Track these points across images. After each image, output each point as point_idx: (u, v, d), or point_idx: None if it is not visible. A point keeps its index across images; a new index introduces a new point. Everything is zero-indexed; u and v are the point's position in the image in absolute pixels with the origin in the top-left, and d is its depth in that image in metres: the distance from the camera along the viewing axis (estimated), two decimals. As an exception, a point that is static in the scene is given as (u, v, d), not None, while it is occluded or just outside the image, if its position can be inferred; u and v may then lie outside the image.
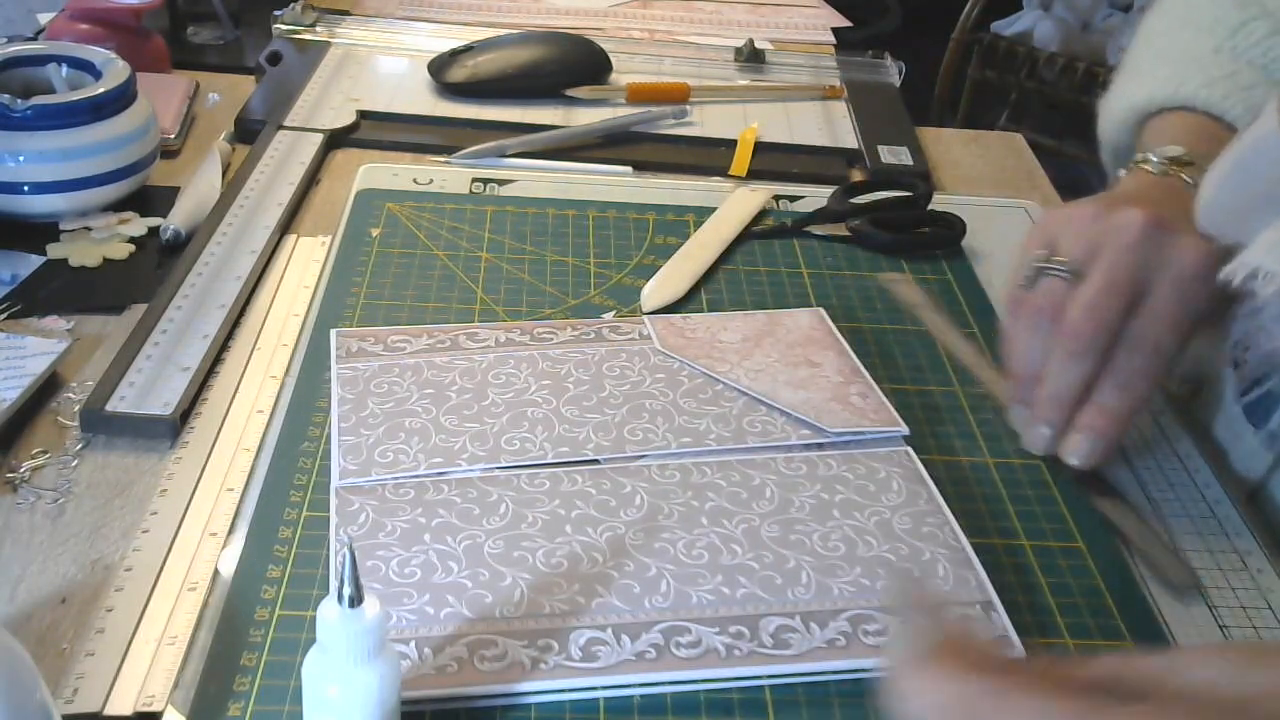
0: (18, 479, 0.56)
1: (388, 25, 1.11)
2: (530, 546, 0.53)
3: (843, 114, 1.01)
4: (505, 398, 0.62)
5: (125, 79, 0.77)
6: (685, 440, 0.60)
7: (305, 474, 0.57)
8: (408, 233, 0.77)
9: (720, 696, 0.48)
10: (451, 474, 0.57)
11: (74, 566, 0.52)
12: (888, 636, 0.49)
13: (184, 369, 0.63)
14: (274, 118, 0.90)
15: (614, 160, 0.89)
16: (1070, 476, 0.61)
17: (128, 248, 0.75)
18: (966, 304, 0.75)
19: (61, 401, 0.61)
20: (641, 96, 0.99)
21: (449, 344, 0.66)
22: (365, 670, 0.41)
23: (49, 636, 0.48)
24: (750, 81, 1.06)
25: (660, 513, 0.55)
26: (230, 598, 0.50)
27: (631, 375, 0.64)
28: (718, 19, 1.22)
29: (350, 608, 0.40)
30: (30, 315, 0.67)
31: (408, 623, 0.49)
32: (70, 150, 0.74)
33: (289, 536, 0.54)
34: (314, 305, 0.70)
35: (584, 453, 0.59)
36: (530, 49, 1.01)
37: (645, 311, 0.71)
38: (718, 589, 0.51)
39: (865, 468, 0.59)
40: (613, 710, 0.47)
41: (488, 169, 0.87)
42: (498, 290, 0.72)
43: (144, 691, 0.46)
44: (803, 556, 0.53)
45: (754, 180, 0.88)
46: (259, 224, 0.76)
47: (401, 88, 0.99)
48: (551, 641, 0.48)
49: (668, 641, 0.49)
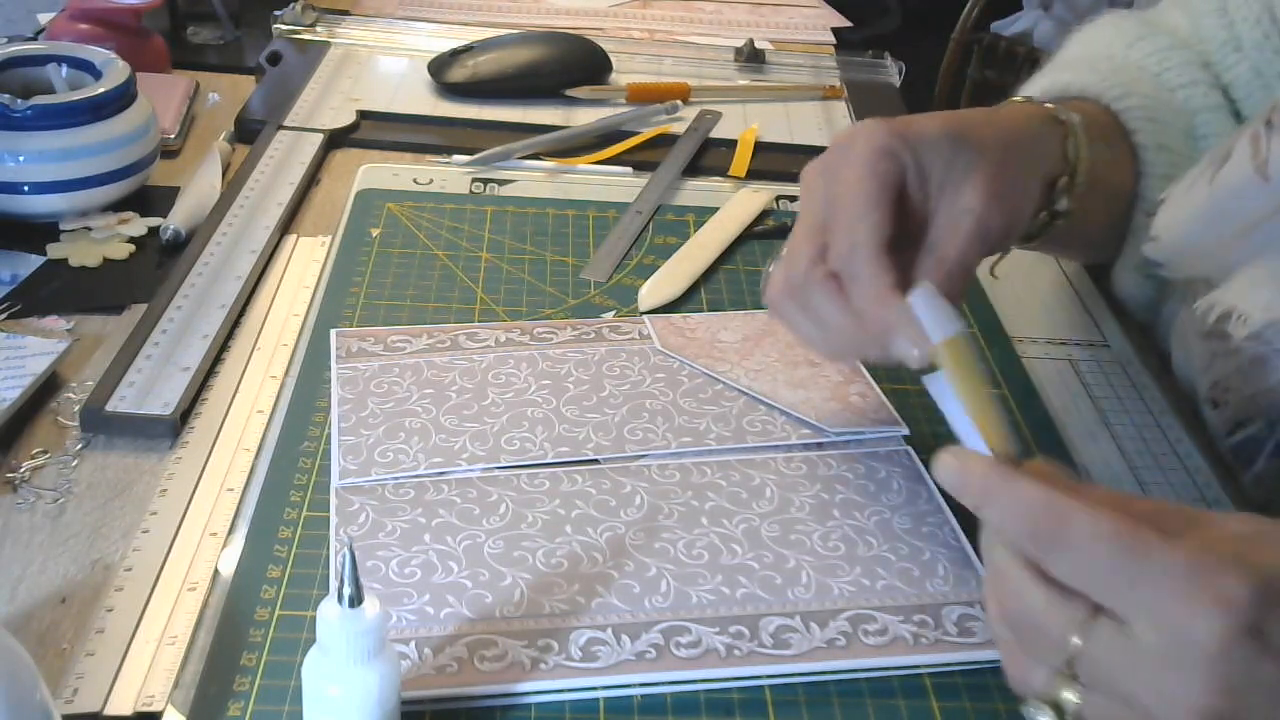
0: (18, 479, 0.56)
1: (388, 25, 1.11)
2: (530, 546, 0.53)
3: (843, 114, 1.01)
4: (505, 398, 0.62)
5: (125, 79, 0.77)
6: (685, 440, 0.60)
7: (305, 474, 0.57)
8: (408, 233, 0.77)
9: (720, 696, 0.48)
10: (451, 474, 0.57)
11: (74, 566, 0.52)
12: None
13: (184, 369, 0.63)
14: (274, 118, 0.90)
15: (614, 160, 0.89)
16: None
17: (128, 248, 0.75)
18: (967, 304, 0.75)
19: (61, 401, 0.61)
20: (641, 96, 0.99)
21: (449, 344, 0.66)
22: (365, 670, 0.41)
23: (49, 636, 0.48)
24: (750, 81, 1.06)
25: (660, 512, 0.55)
26: (230, 598, 0.50)
27: (631, 375, 0.64)
28: (718, 19, 1.22)
29: (350, 608, 0.40)
30: (30, 315, 0.67)
31: (408, 623, 0.49)
32: (70, 150, 0.74)
33: (289, 536, 0.53)
34: (314, 305, 0.70)
35: (584, 452, 0.59)
36: (530, 49, 1.01)
37: (642, 311, 0.71)
38: (718, 589, 0.51)
39: (865, 467, 0.59)
40: (613, 710, 0.47)
41: (487, 169, 0.87)
42: (498, 290, 0.72)
43: (144, 691, 0.46)
44: (803, 556, 0.53)
45: (754, 180, 0.88)
46: (259, 224, 0.76)
47: (401, 88, 0.99)
48: (551, 641, 0.48)
49: (668, 641, 0.49)
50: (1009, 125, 0.60)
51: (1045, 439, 0.63)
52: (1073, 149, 0.63)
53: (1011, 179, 0.57)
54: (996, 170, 0.56)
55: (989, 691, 0.49)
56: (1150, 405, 0.67)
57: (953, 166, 0.56)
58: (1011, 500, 0.42)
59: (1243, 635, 0.36)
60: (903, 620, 0.50)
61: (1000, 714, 0.48)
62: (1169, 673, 0.37)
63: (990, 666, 0.49)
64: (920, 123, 0.57)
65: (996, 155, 0.57)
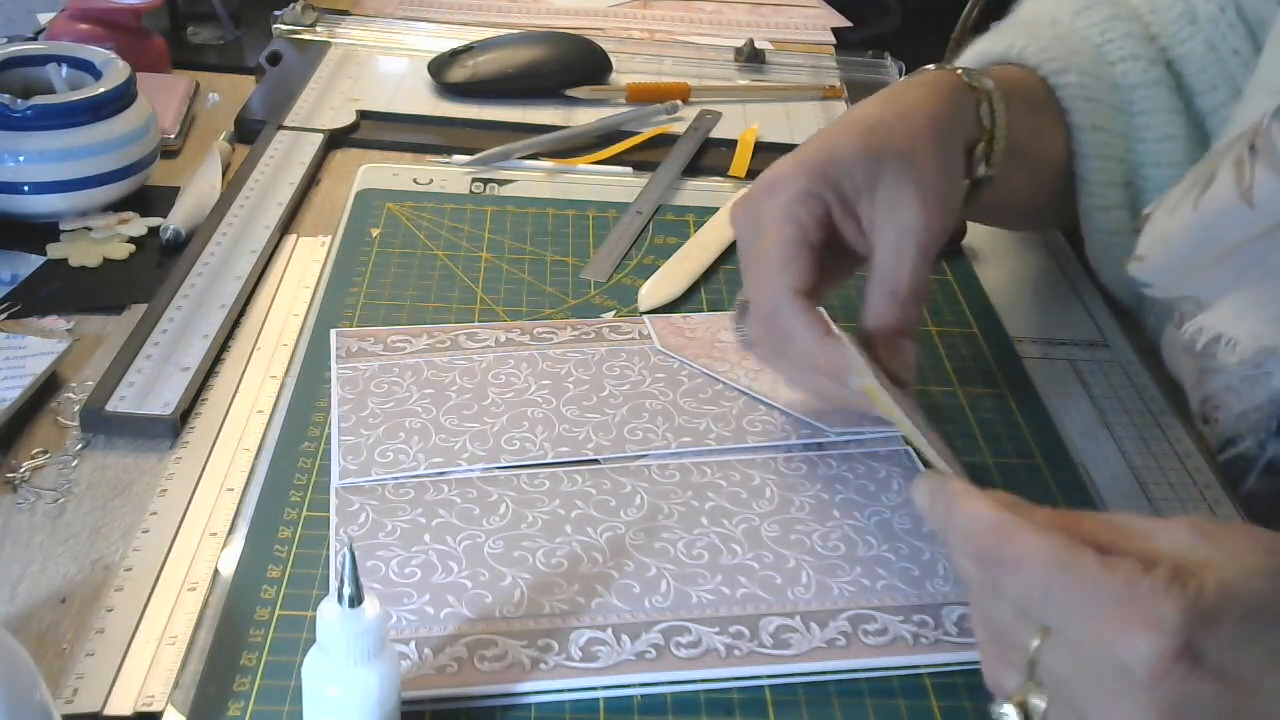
0: (18, 479, 0.56)
1: (388, 25, 1.11)
2: (530, 546, 0.53)
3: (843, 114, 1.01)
4: (505, 398, 0.62)
5: (125, 79, 0.77)
6: (685, 440, 0.60)
7: (305, 474, 0.57)
8: (408, 233, 0.77)
9: (720, 696, 0.48)
10: (451, 474, 0.57)
11: (74, 566, 0.52)
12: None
13: (184, 369, 0.63)
14: (274, 118, 0.90)
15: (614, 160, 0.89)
16: (1069, 476, 0.61)
17: (128, 248, 0.75)
18: (967, 304, 0.75)
19: (61, 401, 0.61)
20: (641, 96, 0.99)
21: (449, 344, 0.66)
22: (365, 670, 0.41)
23: (49, 636, 0.48)
24: (750, 81, 1.06)
25: (660, 513, 0.55)
26: (230, 598, 0.50)
27: (631, 375, 0.64)
28: (718, 19, 1.22)
29: (350, 608, 0.40)
30: (30, 315, 0.67)
31: (408, 623, 0.49)
32: (70, 150, 0.74)
33: (289, 536, 0.53)
34: (314, 305, 0.70)
35: (584, 452, 0.59)
36: (530, 49, 1.01)
37: (643, 311, 0.71)
38: (718, 589, 0.51)
39: (865, 467, 0.59)
40: (613, 710, 0.47)
41: (488, 169, 0.87)
42: (498, 290, 0.72)
43: (144, 691, 0.46)
44: (803, 556, 0.53)
45: (754, 180, 0.88)
46: (259, 224, 0.76)
47: (401, 88, 0.99)
48: (551, 641, 0.48)
49: (668, 641, 0.49)
50: (921, 109, 0.59)
51: (1045, 439, 0.63)
52: (986, 114, 0.62)
53: (939, 169, 0.57)
54: (923, 170, 0.56)
55: (989, 691, 0.49)
56: (1150, 405, 0.67)
57: (880, 182, 0.56)
58: (963, 520, 0.42)
59: (1177, 658, 0.36)
60: (903, 620, 0.50)
61: (1000, 714, 0.48)
62: (1113, 696, 0.38)
63: (990, 666, 0.50)
64: (839, 147, 0.57)
65: (920, 152, 0.57)
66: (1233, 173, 0.52)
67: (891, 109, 0.59)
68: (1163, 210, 0.58)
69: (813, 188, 0.56)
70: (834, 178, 0.56)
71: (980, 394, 0.67)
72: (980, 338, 0.71)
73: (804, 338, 0.55)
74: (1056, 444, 0.63)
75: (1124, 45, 0.70)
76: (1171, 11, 0.71)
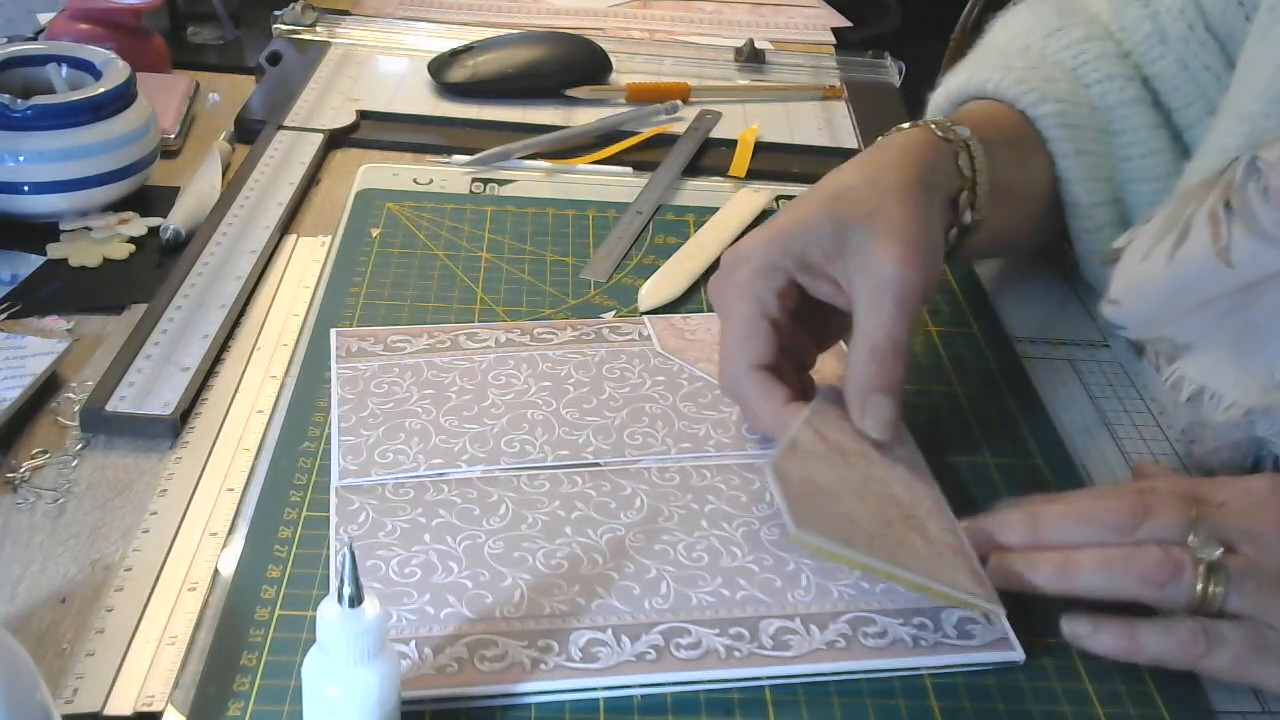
0: (18, 479, 0.56)
1: (388, 25, 1.11)
2: (530, 547, 0.53)
3: (843, 114, 1.01)
4: (505, 399, 0.62)
5: (125, 79, 0.77)
6: (685, 446, 0.60)
7: (305, 474, 0.57)
8: (408, 233, 0.77)
9: (720, 697, 0.48)
10: (451, 474, 0.57)
11: (74, 566, 0.52)
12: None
13: (184, 369, 0.63)
14: (274, 118, 0.90)
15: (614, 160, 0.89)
16: (1069, 476, 0.61)
17: (128, 248, 0.75)
18: (966, 304, 0.75)
19: (61, 401, 0.61)
20: (641, 96, 0.99)
21: (449, 344, 0.66)
22: (365, 670, 0.41)
23: (49, 636, 0.48)
24: (750, 81, 1.06)
25: (660, 515, 0.55)
26: (230, 598, 0.50)
27: (631, 378, 0.64)
28: (718, 19, 1.22)
29: (350, 608, 0.40)
30: (30, 315, 0.67)
31: (408, 623, 0.49)
32: (70, 150, 0.74)
33: (289, 536, 0.54)
34: (314, 305, 0.70)
35: (584, 456, 0.59)
36: (530, 49, 1.01)
37: (642, 311, 0.71)
38: (717, 591, 0.51)
39: (865, 468, 0.59)
40: (613, 711, 0.47)
41: (487, 169, 0.87)
42: (498, 290, 0.72)
43: (144, 691, 0.46)
44: (803, 559, 0.53)
45: (754, 180, 0.88)
46: (259, 224, 0.76)
47: (401, 88, 0.99)
48: (551, 642, 0.48)
49: (668, 643, 0.49)
50: (891, 170, 0.59)
51: (1045, 439, 0.63)
52: (966, 163, 0.63)
53: (912, 221, 0.57)
54: (894, 225, 0.56)
55: (989, 692, 0.49)
56: (1150, 405, 0.67)
57: (848, 245, 0.57)
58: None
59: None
60: (902, 623, 0.50)
61: (1000, 714, 0.48)
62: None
63: (990, 667, 0.50)
64: (803, 218, 0.58)
65: (889, 211, 0.57)
66: (1208, 229, 0.52)
67: (862, 174, 0.60)
68: (1133, 254, 0.58)
69: (773, 260, 0.57)
70: (796, 249, 0.57)
71: (980, 394, 0.67)
72: (980, 338, 0.72)
73: (762, 410, 0.57)
74: (1056, 444, 0.63)
75: (1099, 67, 0.70)
76: (1140, 31, 0.71)
